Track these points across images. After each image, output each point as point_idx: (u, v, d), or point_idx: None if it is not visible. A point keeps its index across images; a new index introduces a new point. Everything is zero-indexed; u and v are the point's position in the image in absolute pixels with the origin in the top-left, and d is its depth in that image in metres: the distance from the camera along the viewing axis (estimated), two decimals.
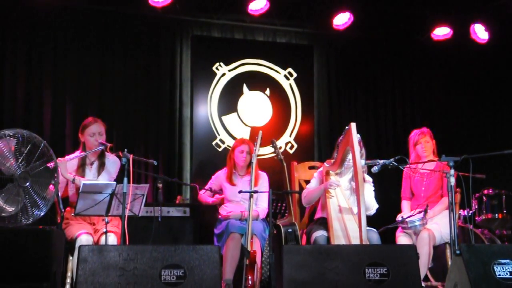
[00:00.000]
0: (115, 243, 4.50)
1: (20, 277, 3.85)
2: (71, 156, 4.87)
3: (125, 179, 4.25)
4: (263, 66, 7.34)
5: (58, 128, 6.43)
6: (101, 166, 4.92)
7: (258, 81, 7.28)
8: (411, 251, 4.01)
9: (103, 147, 4.77)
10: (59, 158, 4.67)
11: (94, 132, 4.88)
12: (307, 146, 7.36)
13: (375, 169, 4.81)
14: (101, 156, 4.94)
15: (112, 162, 4.93)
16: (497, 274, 3.79)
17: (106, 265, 3.56)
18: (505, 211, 6.18)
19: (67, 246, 4.54)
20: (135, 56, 6.86)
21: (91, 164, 4.94)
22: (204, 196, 5.68)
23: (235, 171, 5.63)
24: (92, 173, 4.90)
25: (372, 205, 4.99)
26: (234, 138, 6.89)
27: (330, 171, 5.10)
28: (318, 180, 5.17)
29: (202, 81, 7.05)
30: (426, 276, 5.27)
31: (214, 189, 5.63)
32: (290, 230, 5.31)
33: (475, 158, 4.51)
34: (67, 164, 4.74)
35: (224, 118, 7.09)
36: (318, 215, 5.17)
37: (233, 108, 7.15)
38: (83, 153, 4.87)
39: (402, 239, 5.17)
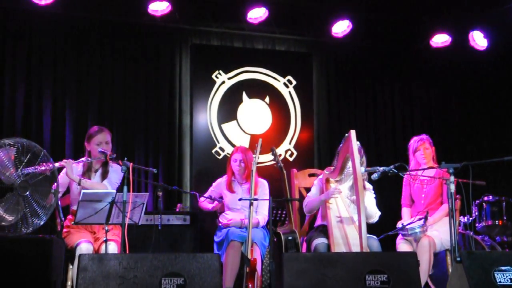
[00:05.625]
0: (115, 251, 4.50)
1: (20, 286, 3.84)
2: (77, 161, 4.88)
3: (125, 188, 4.25)
4: (263, 74, 7.34)
5: (58, 137, 6.42)
6: (105, 174, 4.94)
7: (257, 89, 7.28)
8: (412, 258, 4.01)
9: (103, 155, 4.78)
10: (64, 160, 4.69)
11: (101, 142, 4.90)
12: (307, 154, 7.35)
13: (375, 176, 4.82)
14: (105, 165, 4.96)
15: (115, 170, 4.94)
16: (497, 281, 3.79)
17: (106, 274, 3.56)
18: (505, 218, 6.17)
19: (67, 255, 4.54)
20: (134, 64, 6.85)
21: (95, 171, 4.96)
22: (205, 203, 5.68)
23: (235, 178, 5.64)
24: (95, 180, 4.91)
25: (374, 213, 5.00)
26: (233, 146, 6.88)
27: (330, 179, 5.11)
28: (318, 188, 5.18)
29: (202, 89, 7.06)
30: (426, 283, 5.26)
31: (214, 197, 5.63)
32: (290, 237, 5.31)
33: (475, 165, 4.51)
34: (73, 169, 4.76)
35: (223, 126, 7.09)
36: (318, 222, 5.18)
37: (233, 116, 7.15)
38: (89, 159, 4.89)
39: (402, 246, 5.16)
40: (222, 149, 7.02)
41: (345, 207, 4.96)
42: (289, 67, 7.44)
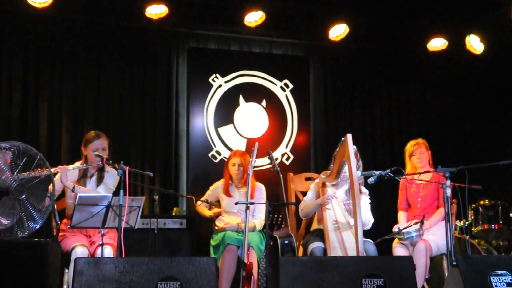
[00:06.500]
0: (111, 255, 4.49)
1: None
2: (72, 166, 4.86)
3: (121, 191, 4.24)
4: (259, 78, 7.34)
5: (54, 140, 6.42)
6: (100, 179, 4.92)
7: (254, 93, 7.28)
8: (408, 262, 4.01)
9: (99, 159, 4.77)
10: (59, 166, 4.67)
11: (98, 148, 4.85)
12: (304, 158, 7.36)
13: (371, 180, 4.82)
14: (101, 170, 4.94)
15: (110, 175, 4.92)
16: (493, 285, 3.79)
17: (102, 278, 3.54)
18: (501, 222, 6.17)
19: (63, 259, 4.52)
20: (131, 67, 6.85)
21: (91, 176, 4.94)
22: (202, 208, 5.67)
23: (232, 182, 5.63)
24: (91, 185, 4.89)
25: (368, 220, 4.98)
26: (230, 149, 6.88)
27: (327, 183, 5.10)
28: (315, 192, 5.17)
29: (198, 92, 7.06)
30: (423, 287, 5.26)
31: (211, 201, 5.63)
32: (286, 241, 5.30)
33: (471, 169, 4.52)
34: (68, 174, 4.74)
35: (220, 129, 7.09)
36: (314, 226, 5.17)
37: (230, 119, 7.15)
38: (84, 165, 4.87)
39: (398, 250, 5.17)
40: (218, 152, 7.02)
41: (342, 211, 4.96)
42: (286, 70, 7.45)
